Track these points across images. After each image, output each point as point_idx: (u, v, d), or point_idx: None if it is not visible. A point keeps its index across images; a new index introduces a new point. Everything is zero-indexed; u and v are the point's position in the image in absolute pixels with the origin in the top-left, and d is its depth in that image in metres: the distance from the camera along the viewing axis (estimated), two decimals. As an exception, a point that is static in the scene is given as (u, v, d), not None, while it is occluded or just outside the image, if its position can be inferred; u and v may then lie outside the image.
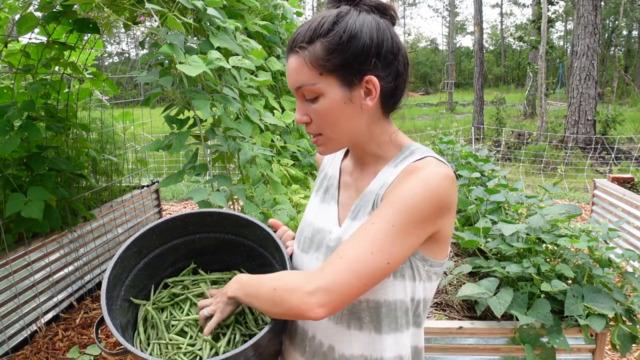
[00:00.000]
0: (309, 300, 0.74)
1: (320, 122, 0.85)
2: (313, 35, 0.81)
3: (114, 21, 2.40)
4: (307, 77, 0.82)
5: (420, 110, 20.01)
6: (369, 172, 0.93)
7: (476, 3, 15.15)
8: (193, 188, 1.84)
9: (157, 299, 1.05)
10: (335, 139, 0.88)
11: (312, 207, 1.03)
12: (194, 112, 1.92)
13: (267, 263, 1.09)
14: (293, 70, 0.84)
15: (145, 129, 5.93)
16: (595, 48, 9.30)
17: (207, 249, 1.12)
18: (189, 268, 1.13)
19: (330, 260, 0.78)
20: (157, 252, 1.06)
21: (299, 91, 0.85)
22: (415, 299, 0.89)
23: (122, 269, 0.98)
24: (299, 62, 0.82)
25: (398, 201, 0.79)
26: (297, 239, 1.02)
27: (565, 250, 1.87)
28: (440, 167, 0.81)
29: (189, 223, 1.07)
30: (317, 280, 0.75)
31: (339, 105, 0.83)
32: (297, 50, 0.82)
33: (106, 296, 0.89)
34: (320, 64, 0.81)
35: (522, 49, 35.50)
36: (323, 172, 1.07)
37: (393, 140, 0.92)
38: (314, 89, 0.82)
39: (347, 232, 0.90)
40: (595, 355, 1.75)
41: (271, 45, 2.87)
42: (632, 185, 4.38)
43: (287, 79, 0.86)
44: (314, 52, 0.81)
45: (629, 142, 10.17)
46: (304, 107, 0.86)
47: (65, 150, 3.20)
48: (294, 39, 0.83)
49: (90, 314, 3.18)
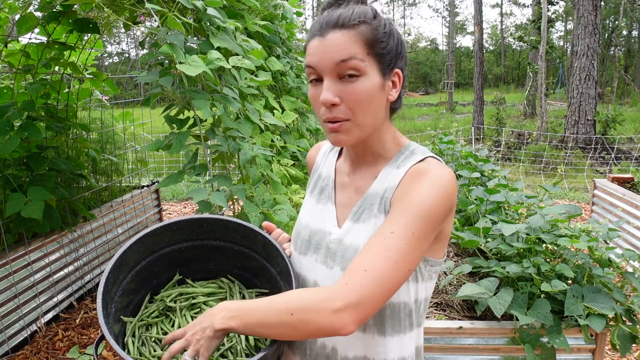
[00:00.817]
0: (340, 319, 0.72)
1: (354, 104, 0.82)
2: (362, 19, 0.82)
3: (114, 21, 2.40)
4: (358, 52, 0.81)
5: (420, 110, 20.01)
6: (368, 171, 0.94)
7: (476, 3, 15.15)
8: (193, 188, 1.84)
9: (146, 315, 1.00)
10: (361, 126, 0.85)
11: (307, 208, 1.02)
12: (194, 112, 1.92)
13: (260, 268, 1.06)
14: (338, 44, 0.81)
15: (145, 129, 5.94)
16: (595, 48, 9.30)
17: (194, 258, 1.08)
18: (173, 280, 1.07)
19: (354, 274, 0.75)
20: (144, 264, 1.01)
21: (341, 65, 0.81)
22: (418, 300, 0.90)
23: (113, 284, 0.93)
24: (349, 37, 0.81)
25: (414, 207, 0.79)
26: (294, 241, 1.01)
27: (565, 250, 1.87)
28: (443, 168, 0.83)
29: (176, 231, 1.02)
30: (344, 297, 0.73)
31: (375, 90, 0.83)
32: (347, 27, 0.81)
33: (103, 314, 0.84)
34: (371, 44, 0.82)
35: (522, 49, 35.51)
36: (316, 172, 1.06)
37: (395, 139, 0.94)
38: (361, 65, 0.81)
39: (349, 234, 0.90)
40: (595, 355, 1.75)
41: (271, 45, 2.87)
42: (632, 185, 4.39)
43: (324, 54, 0.81)
44: (365, 32, 0.82)
45: (629, 142, 10.17)
46: (336, 87, 0.82)
47: (65, 150, 3.20)
48: (339, 17, 0.82)
49: (90, 314, 3.18)
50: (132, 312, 1.01)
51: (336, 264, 0.90)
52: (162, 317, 1.00)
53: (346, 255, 0.89)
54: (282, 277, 1.00)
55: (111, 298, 0.92)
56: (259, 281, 1.08)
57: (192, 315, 1.01)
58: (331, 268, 0.91)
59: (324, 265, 0.93)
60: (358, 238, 0.88)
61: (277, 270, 1.02)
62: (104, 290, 0.87)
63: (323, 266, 0.93)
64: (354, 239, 0.89)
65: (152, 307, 1.02)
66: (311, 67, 0.84)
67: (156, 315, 1.00)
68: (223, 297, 1.05)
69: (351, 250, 0.88)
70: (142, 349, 0.93)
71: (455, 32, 37.18)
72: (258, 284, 1.08)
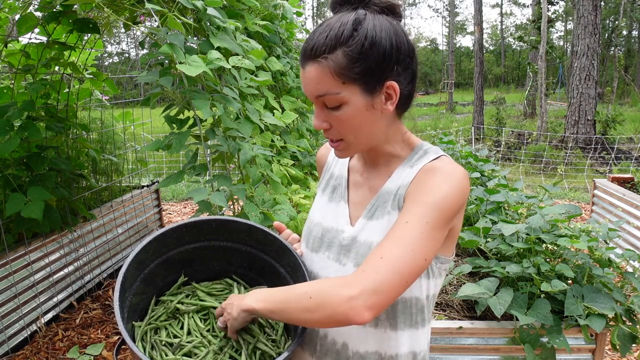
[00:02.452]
0: (355, 304, 0.71)
1: (342, 129, 0.84)
2: (334, 44, 0.79)
3: (114, 21, 2.40)
4: (330, 86, 0.80)
5: (420, 110, 20.01)
6: (382, 171, 0.94)
7: (476, 3, 15.15)
8: (193, 188, 1.84)
9: (154, 318, 0.99)
10: (356, 144, 0.87)
11: (319, 206, 1.03)
12: (194, 112, 1.92)
13: (268, 269, 1.06)
14: (313, 79, 0.81)
15: (145, 129, 5.94)
16: (595, 48, 9.30)
17: (198, 258, 1.07)
18: (178, 282, 1.07)
19: (371, 262, 0.76)
20: (152, 267, 1.00)
21: (319, 99, 0.83)
22: (429, 296, 0.92)
23: (127, 290, 0.93)
24: (320, 71, 0.80)
25: (427, 199, 0.80)
26: (306, 239, 1.02)
27: (565, 250, 1.87)
28: (456, 165, 0.85)
29: (185, 233, 1.02)
30: (360, 283, 0.73)
31: (361, 113, 0.82)
32: (318, 59, 0.80)
33: (121, 319, 0.84)
34: (343, 73, 0.79)
35: (522, 49, 35.50)
36: (328, 172, 1.07)
37: (405, 140, 0.94)
38: (337, 98, 0.81)
39: (363, 231, 0.91)
40: (595, 355, 1.75)
41: (271, 45, 2.87)
42: (632, 185, 4.39)
43: (305, 87, 0.84)
44: (337, 61, 0.79)
45: (629, 142, 10.16)
46: (323, 114, 0.85)
47: (65, 150, 3.20)
48: (313, 46, 0.80)
49: (90, 314, 3.18)
50: (140, 316, 1.00)
51: (349, 260, 0.91)
52: (170, 319, 1.00)
53: (360, 252, 0.89)
54: (293, 275, 1.00)
55: (125, 303, 0.92)
56: (265, 280, 1.09)
57: (201, 317, 1.01)
58: (344, 265, 0.92)
59: (337, 262, 0.93)
60: (372, 235, 0.89)
61: (286, 270, 1.02)
62: (120, 297, 0.87)
63: (336, 263, 0.93)
64: (367, 236, 0.90)
65: (159, 310, 1.01)
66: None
67: (164, 319, 1.00)
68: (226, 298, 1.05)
69: (365, 246, 0.89)
70: (153, 353, 0.93)
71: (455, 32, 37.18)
72: (264, 284, 1.09)
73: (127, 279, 0.91)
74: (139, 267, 0.97)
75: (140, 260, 0.96)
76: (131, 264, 0.92)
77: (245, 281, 1.10)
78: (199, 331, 0.97)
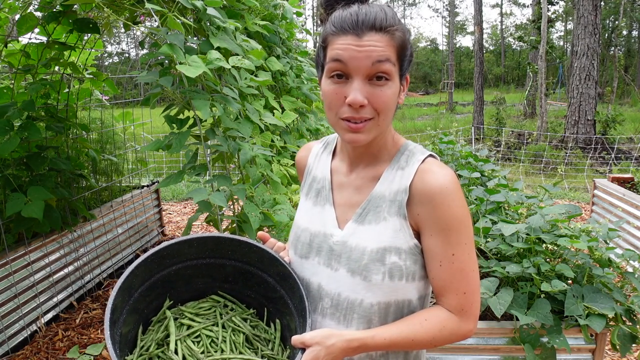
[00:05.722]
0: (468, 334, 0.90)
1: (379, 105, 0.83)
2: (396, 24, 0.83)
3: (114, 21, 2.40)
4: (392, 56, 0.82)
5: (420, 110, 20.01)
6: (368, 171, 0.94)
7: (476, 3, 15.15)
8: (193, 188, 1.84)
9: (144, 349, 0.95)
10: (381, 127, 0.86)
11: (304, 211, 1.01)
12: (194, 112, 1.92)
13: (256, 280, 1.03)
14: (379, 45, 0.81)
15: (145, 129, 5.94)
16: (595, 48, 9.30)
17: (182, 279, 1.03)
18: (164, 308, 1.03)
19: (463, 301, 0.88)
20: (136, 296, 0.96)
21: (376, 66, 0.81)
22: (423, 295, 0.94)
23: (115, 320, 0.89)
24: (387, 42, 0.82)
25: (453, 224, 0.86)
26: (293, 246, 1.00)
27: (565, 250, 1.87)
28: (446, 169, 0.88)
29: (167, 256, 0.98)
30: (472, 320, 0.89)
31: (396, 94, 0.86)
32: (385, 31, 0.81)
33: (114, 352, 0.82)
34: (400, 52, 0.84)
35: (522, 49, 35.51)
36: (310, 175, 1.04)
37: (394, 139, 0.95)
38: (392, 70, 0.83)
39: (353, 235, 0.90)
40: (595, 355, 1.75)
41: (271, 45, 2.87)
42: (632, 185, 4.39)
43: (363, 53, 0.81)
44: (398, 38, 0.83)
45: (629, 142, 10.17)
46: (365, 89, 0.82)
47: (65, 150, 3.20)
48: (375, 19, 0.81)
49: (90, 314, 3.18)
50: (130, 347, 0.97)
51: (341, 265, 0.90)
52: (161, 347, 0.96)
53: (352, 257, 0.89)
54: (283, 284, 0.98)
55: (115, 338, 0.88)
56: (253, 292, 1.06)
57: (193, 340, 0.98)
58: (336, 270, 0.91)
59: (328, 268, 0.92)
60: (365, 240, 0.88)
61: (275, 280, 1.00)
62: (111, 335, 0.84)
63: (327, 268, 0.93)
64: (359, 240, 0.89)
65: (147, 340, 0.97)
66: (341, 62, 0.82)
67: (155, 349, 0.96)
68: (214, 317, 1.03)
69: (357, 252, 0.88)
70: None
71: (455, 32, 37.20)
72: (252, 295, 1.07)
73: (115, 311, 0.88)
74: (125, 298, 0.93)
75: (126, 288, 0.92)
76: (117, 294, 0.89)
77: (232, 295, 1.08)
78: (194, 356, 0.94)
